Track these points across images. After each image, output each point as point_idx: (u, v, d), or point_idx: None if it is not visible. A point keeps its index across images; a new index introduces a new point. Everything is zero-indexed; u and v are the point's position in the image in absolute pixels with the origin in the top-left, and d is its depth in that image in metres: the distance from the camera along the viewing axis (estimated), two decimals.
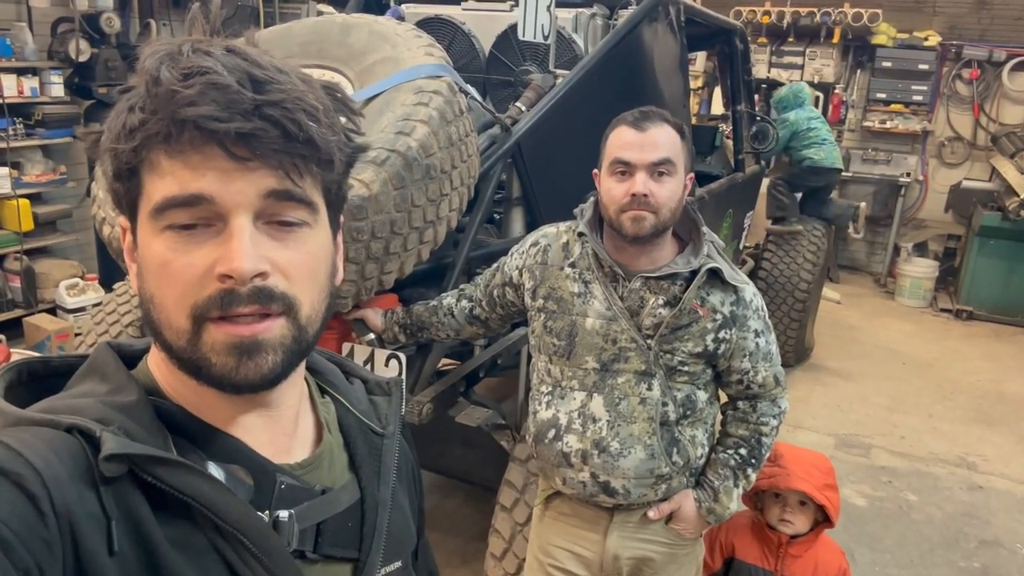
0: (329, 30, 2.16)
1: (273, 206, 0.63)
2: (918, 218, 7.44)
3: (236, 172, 0.61)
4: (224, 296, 0.61)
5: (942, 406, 4.73)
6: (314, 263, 0.67)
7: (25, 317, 4.49)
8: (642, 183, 1.60)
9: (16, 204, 4.40)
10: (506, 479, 2.22)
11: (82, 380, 0.68)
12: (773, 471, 2.03)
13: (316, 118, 0.63)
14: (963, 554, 3.25)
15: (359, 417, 0.81)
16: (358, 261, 1.76)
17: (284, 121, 0.61)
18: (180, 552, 0.61)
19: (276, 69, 0.63)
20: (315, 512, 0.70)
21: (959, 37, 6.93)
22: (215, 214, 0.61)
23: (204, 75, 0.59)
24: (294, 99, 0.62)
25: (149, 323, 0.65)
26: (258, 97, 0.60)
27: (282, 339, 0.64)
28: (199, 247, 0.62)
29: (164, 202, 0.61)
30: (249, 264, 0.61)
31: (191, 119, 0.59)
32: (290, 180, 0.63)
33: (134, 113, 0.61)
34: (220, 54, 0.61)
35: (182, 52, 0.61)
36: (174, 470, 0.61)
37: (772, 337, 1.77)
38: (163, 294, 0.63)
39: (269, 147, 0.61)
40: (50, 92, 4.59)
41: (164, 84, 0.59)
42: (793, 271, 4.79)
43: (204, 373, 0.64)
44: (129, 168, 0.62)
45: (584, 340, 1.69)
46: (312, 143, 0.63)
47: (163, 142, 0.60)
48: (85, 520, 0.57)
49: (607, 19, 2.97)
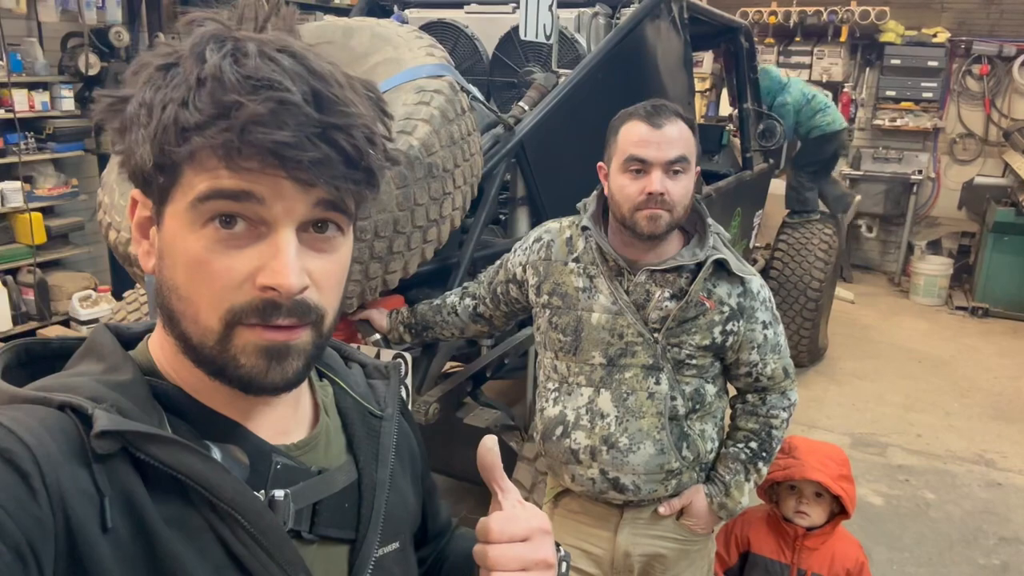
0: (331, 34, 2.17)
1: (318, 214, 0.63)
2: (931, 216, 7.38)
3: (292, 190, 0.61)
4: (266, 306, 0.61)
5: (959, 404, 4.68)
6: (342, 272, 0.68)
7: (39, 330, 4.53)
8: (659, 182, 1.58)
9: (29, 218, 4.44)
10: (514, 478, 2.20)
11: (79, 361, 0.68)
12: (788, 462, 2.02)
13: (374, 142, 0.64)
14: (982, 551, 3.21)
15: (357, 399, 0.81)
16: (362, 261, 1.76)
17: (347, 148, 0.61)
18: (175, 530, 0.60)
19: (336, 81, 0.62)
20: (311, 492, 0.70)
21: (968, 33, 6.88)
22: (260, 217, 0.61)
23: (273, 89, 0.58)
24: (357, 124, 0.62)
25: (166, 310, 0.65)
26: (324, 119, 0.60)
27: (306, 346, 0.65)
28: (240, 251, 0.61)
29: (211, 191, 0.60)
30: (296, 280, 0.61)
31: (265, 144, 0.58)
32: (340, 199, 0.63)
33: (187, 109, 0.58)
34: (287, 62, 0.60)
35: (247, 52, 0.59)
36: (168, 447, 0.61)
37: (780, 328, 1.75)
38: (194, 290, 0.62)
39: (330, 173, 0.61)
40: (61, 106, 4.63)
41: (230, 90, 0.58)
42: (805, 270, 4.75)
43: (230, 373, 0.63)
44: (174, 164, 0.61)
45: (590, 335, 1.68)
46: (370, 171, 0.64)
47: (224, 154, 0.59)
48: (77, 497, 0.56)
49: (609, 18, 2.97)
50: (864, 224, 7.44)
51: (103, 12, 4.68)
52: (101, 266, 5.14)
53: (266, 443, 0.69)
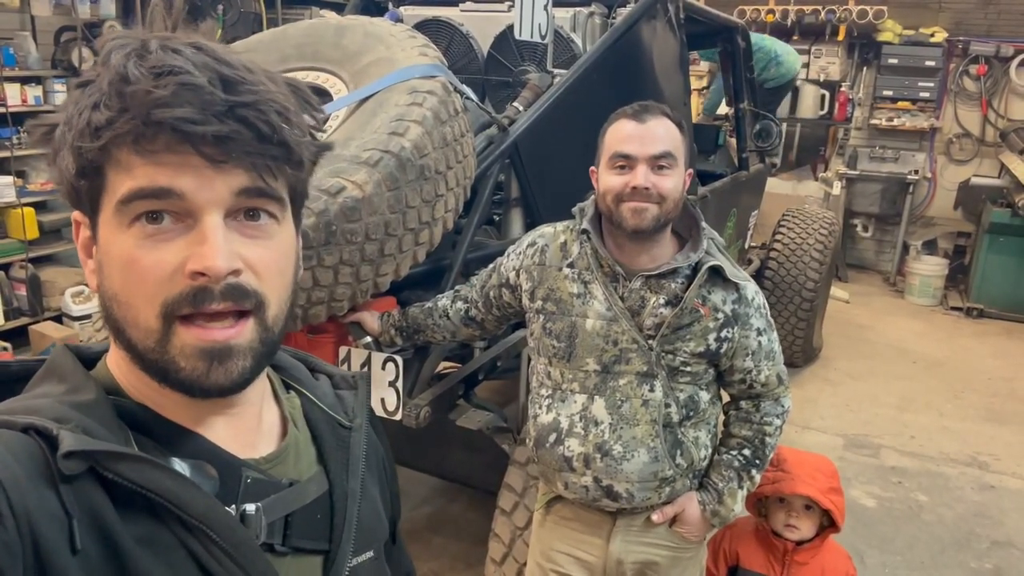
0: (324, 32, 2.15)
1: (244, 202, 0.63)
2: (927, 216, 7.38)
3: (208, 171, 0.61)
4: (197, 293, 0.61)
5: (953, 405, 4.68)
6: (283, 260, 0.67)
7: (31, 325, 4.50)
8: (643, 176, 1.57)
9: (21, 212, 4.41)
10: (506, 482, 2.19)
11: (40, 382, 0.68)
12: (777, 476, 2.00)
13: (287, 119, 0.64)
14: (975, 555, 3.20)
15: (325, 411, 0.81)
16: (353, 263, 1.74)
17: (257, 123, 0.61)
18: (146, 549, 0.60)
19: (244, 68, 0.63)
20: (282, 505, 0.70)
21: (965, 33, 6.87)
22: (185, 210, 0.61)
23: (175, 75, 0.59)
24: (266, 100, 0.62)
25: (111, 321, 0.64)
26: (230, 98, 0.60)
27: (251, 343, 0.64)
28: (168, 244, 0.61)
29: (131, 193, 0.60)
30: (224, 262, 0.61)
31: (167, 121, 0.58)
32: (262, 180, 0.63)
33: (99, 111, 0.60)
34: (189, 52, 0.61)
35: (150, 49, 0.60)
36: (135, 465, 0.60)
37: (774, 335, 1.74)
38: (130, 292, 0.62)
39: (243, 149, 0.61)
40: (54, 100, 4.61)
41: (133, 82, 0.58)
42: (800, 270, 4.74)
43: (171, 377, 0.63)
44: (94, 167, 0.62)
45: (584, 341, 1.67)
46: (285, 145, 0.63)
47: (134, 143, 0.59)
48: (45, 520, 0.56)
49: (605, 17, 2.95)
50: (860, 224, 7.44)
51: (96, 6, 4.66)
52: None
53: (235, 457, 0.69)
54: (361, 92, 1.93)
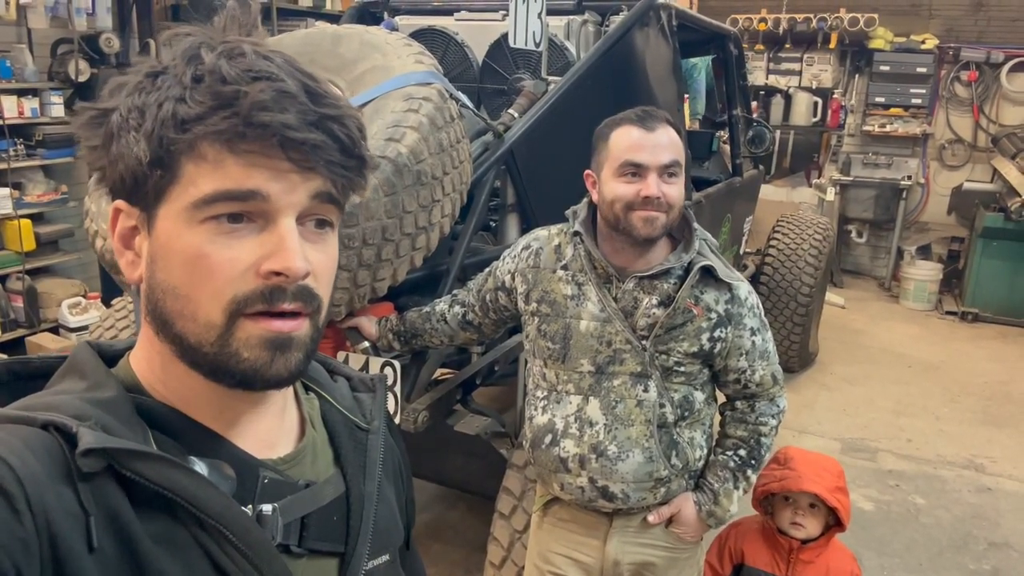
0: (320, 41, 2.17)
1: (316, 208, 0.65)
2: (921, 221, 7.42)
3: (295, 177, 0.63)
4: (272, 291, 0.62)
5: (949, 408, 4.69)
6: (334, 267, 0.70)
7: (28, 337, 4.50)
8: (656, 185, 1.59)
9: (18, 224, 4.42)
10: (504, 486, 2.20)
11: (61, 379, 0.68)
12: (784, 474, 2.01)
13: (364, 135, 0.67)
14: (973, 556, 3.21)
15: (343, 413, 0.81)
16: (350, 268, 1.76)
17: (342, 136, 0.64)
18: (162, 547, 0.60)
19: (323, 81, 0.66)
20: (299, 506, 0.70)
21: (956, 39, 6.92)
22: (263, 212, 0.63)
23: (272, 80, 0.61)
24: (349, 115, 0.65)
25: (160, 314, 0.64)
26: (318, 109, 0.62)
27: (306, 338, 0.66)
28: (241, 242, 0.62)
29: (219, 193, 0.61)
30: (302, 264, 0.63)
31: (272, 124, 0.60)
32: (336, 189, 0.66)
33: (187, 104, 0.60)
34: (280, 60, 0.63)
35: (243, 52, 0.62)
36: (153, 464, 0.60)
37: (769, 335, 1.76)
38: (194, 286, 0.62)
39: (327, 158, 0.63)
40: (50, 112, 4.61)
41: (231, 82, 0.60)
42: (795, 275, 4.76)
43: (231, 368, 0.64)
44: (172, 157, 0.62)
45: (579, 343, 1.68)
46: (362, 159, 0.67)
47: (228, 140, 0.60)
48: (63, 517, 0.56)
49: (598, 25, 2.98)
50: (854, 229, 7.47)
51: (93, 19, 4.67)
52: (91, 273, 5.11)
53: (253, 457, 0.69)
54: (358, 99, 1.95)
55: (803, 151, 7.69)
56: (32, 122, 4.54)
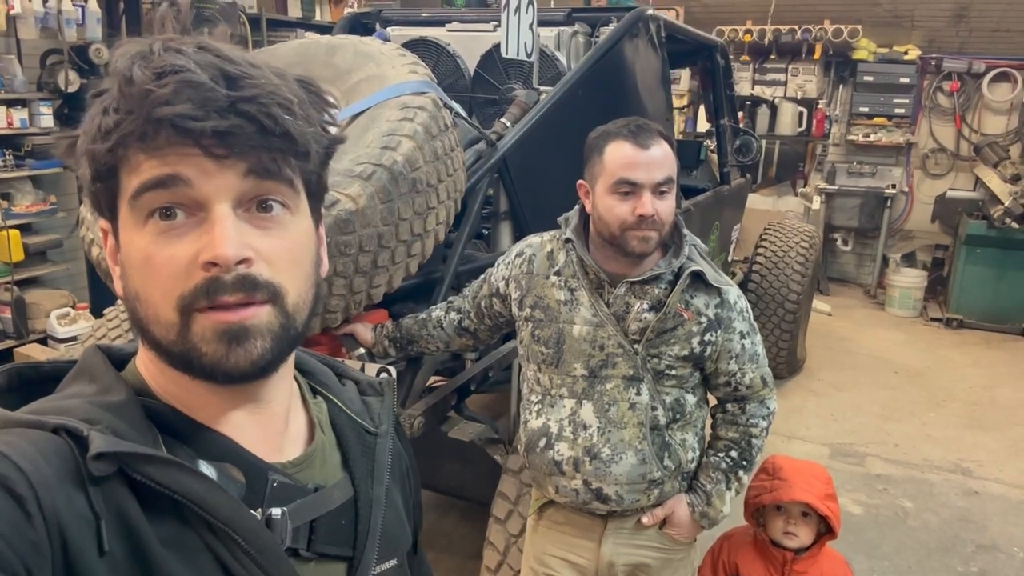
0: (315, 51, 2.19)
1: (254, 190, 0.63)
2: (905, 229, 7.50)
3: (214, 167, 0.62)
4: (210, 285, 0.61)
5: (935, 413, 4.75)
6: (297, 250, 0.67)
7: (16, 348, 4.46)
8: (650, 204, 1.61)
9: (6, 235, 4.39)
10: (499, 491, 2.21)
11: (71, 383, 0.68)
12: (774, 484, 2.02)
13: (291, 111, 0.64)
14: (960, 559, 3.25)
15: (352, 416, 0.81)
16: (346, 275, 1.77)
17: (259, 116, 0.61)
18: (172, 551, 0.60)
19: (249, 64, 0.63)
20: (308, 510, 0.70)
21: (938, 50, 7.03)
22: (194, 201, 0.62)
23: (177, 73, 0.60)
24: (268, 93, 0.62)
25: (136, 321, 0.65)
26: (232, 93, 0.61)
27: (269, 325, 0.64)
28: (180, 239, 0.62)
29: (139, 187, 0.61)
30: (232, 250, 0.61)
31: (167, 118, 0.59)
32: (267, 167, 0.64)
33: (108, 115, 0.61)
34: (192, 52, 0.61)
35: (153, 51, 0.61)
36: (164, 468, 0.61)
37: (758, 338, 1.79)
38: (148, 289, 0.63)
39: (246, 144, 0.62)
40: (40, 123, 4.60)
41: (137, 83, 0.60)
42: (782, 282, 4.81)
43: (195, 364, 0.63)
44: (107, 168, 0.63)
45: (572, 347, 1.71)
46: (288, 136, 0.64)
47: (139, 141, 0.60)
48: (74, 521, 0.56)
49: (589, 36, 3.02)
50: (840, 237, 7.56)
51: (83, 29, 4.67)
52: (79, 283, 5.09)
53: (262, 461, 0.69)
54: (353, 108, 1.97)
55: (789, 160, 7.79)
56: (21, 133, 4.52)
